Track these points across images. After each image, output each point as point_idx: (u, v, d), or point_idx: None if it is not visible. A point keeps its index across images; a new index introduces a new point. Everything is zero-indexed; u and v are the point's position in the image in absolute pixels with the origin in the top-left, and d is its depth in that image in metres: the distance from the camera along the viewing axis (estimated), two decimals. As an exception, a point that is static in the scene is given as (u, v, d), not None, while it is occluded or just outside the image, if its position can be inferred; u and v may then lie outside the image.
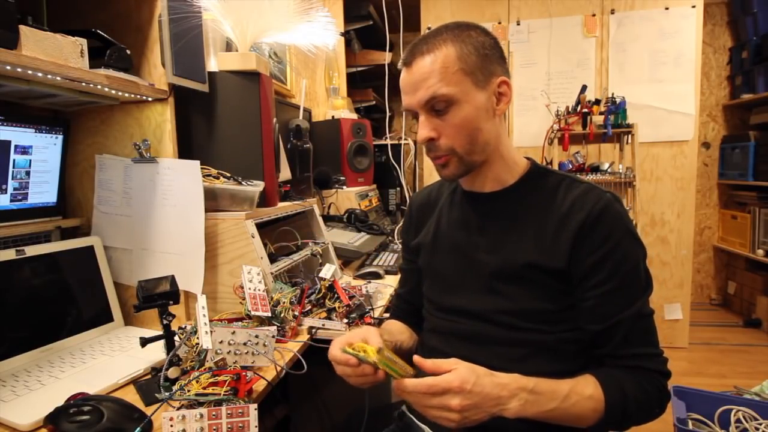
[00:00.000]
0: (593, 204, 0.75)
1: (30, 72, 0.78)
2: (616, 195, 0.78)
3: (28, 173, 1.02)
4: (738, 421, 1.26)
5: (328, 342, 1.05)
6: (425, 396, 0.64)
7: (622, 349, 0.75)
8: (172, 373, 0.79)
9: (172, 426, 0.64)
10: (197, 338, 0.81)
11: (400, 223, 1.81)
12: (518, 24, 2.72)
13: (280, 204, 1.35)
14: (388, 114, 2.72)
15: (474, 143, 0.78)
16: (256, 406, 0.68)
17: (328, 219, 1.85)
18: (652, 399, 0.73)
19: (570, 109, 2.42)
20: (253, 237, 1.10)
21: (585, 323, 0.76)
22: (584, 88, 2.38)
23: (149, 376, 0.86)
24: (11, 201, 1.00)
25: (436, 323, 0.90)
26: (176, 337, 0.86)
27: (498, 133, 0.81)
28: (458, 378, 0.64)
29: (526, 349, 0.78)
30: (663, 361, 0.76)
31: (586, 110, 2.34)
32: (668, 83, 2.60)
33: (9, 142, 0.96)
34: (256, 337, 0.81)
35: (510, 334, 0.78)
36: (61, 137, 1.08)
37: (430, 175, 2.86)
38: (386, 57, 2.68)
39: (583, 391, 0.70)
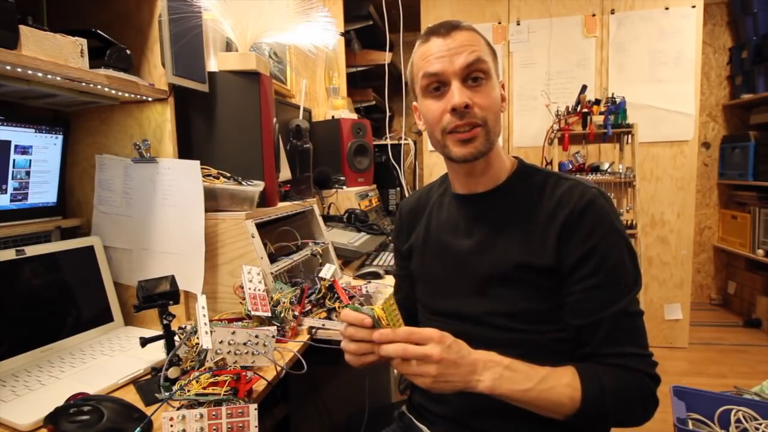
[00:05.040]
0: (578, 199, 0.75)
1: (30, 72, 0.78)
2: (602, 190, 0.78)
3: (28, 173, 1.02)
4: (738, 421, 1.26)
5: (328, 342, 1.06)
6: (405, 347, 0.65)
7: (606, 348, 0.73)
8: (172, 373, 0.79)
9: (172, 426, 0.64)
10: (197, 338, 0.82)
11: None
12: (518, 24, 2.72)
13: (280, 204, 1.35)
14: (388, 114, 2.72)
15: (498, 122, 0.80)
16: (256, 406, 0.68)
17: (328, 219, 1.85)
18: (634, 398, 0.71)
19: (570, 109, 2.42)
20: (253, 237, 1.10)
21: (569, 318, 0.75)
22: (584, 88, 2.37)
23: (149, 376, 0.86)
24: (11, 201, 1.00)
25: (431, 326, 0.89)
26: (176, 337, 0.86)
27: None
28: (437, 332, 0.67)
29: (519, 350, 0.77)
30: (650, 363, 0.73)
31: (586, 110, 2.34)
32: (668, 83, 2.60)
33: (9, 142, 0.96)
34: (256, 337, 0.81)
35: (503, 335, 0.78)
36: (61, 137, 1.08)
37: (430, 175, 2.86)
38: (386, 57, 2.68)
39: (560, 378, 0.69)
